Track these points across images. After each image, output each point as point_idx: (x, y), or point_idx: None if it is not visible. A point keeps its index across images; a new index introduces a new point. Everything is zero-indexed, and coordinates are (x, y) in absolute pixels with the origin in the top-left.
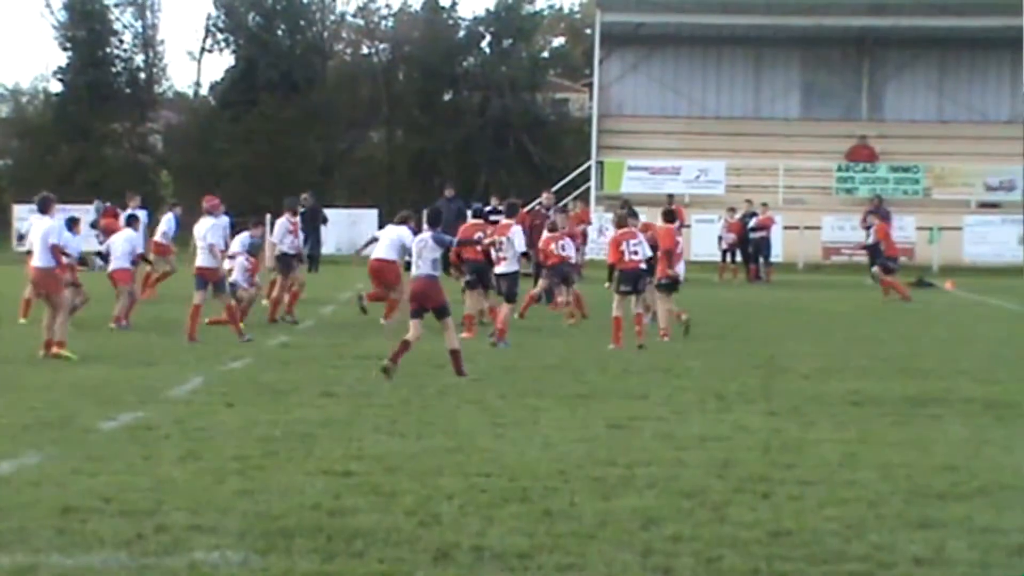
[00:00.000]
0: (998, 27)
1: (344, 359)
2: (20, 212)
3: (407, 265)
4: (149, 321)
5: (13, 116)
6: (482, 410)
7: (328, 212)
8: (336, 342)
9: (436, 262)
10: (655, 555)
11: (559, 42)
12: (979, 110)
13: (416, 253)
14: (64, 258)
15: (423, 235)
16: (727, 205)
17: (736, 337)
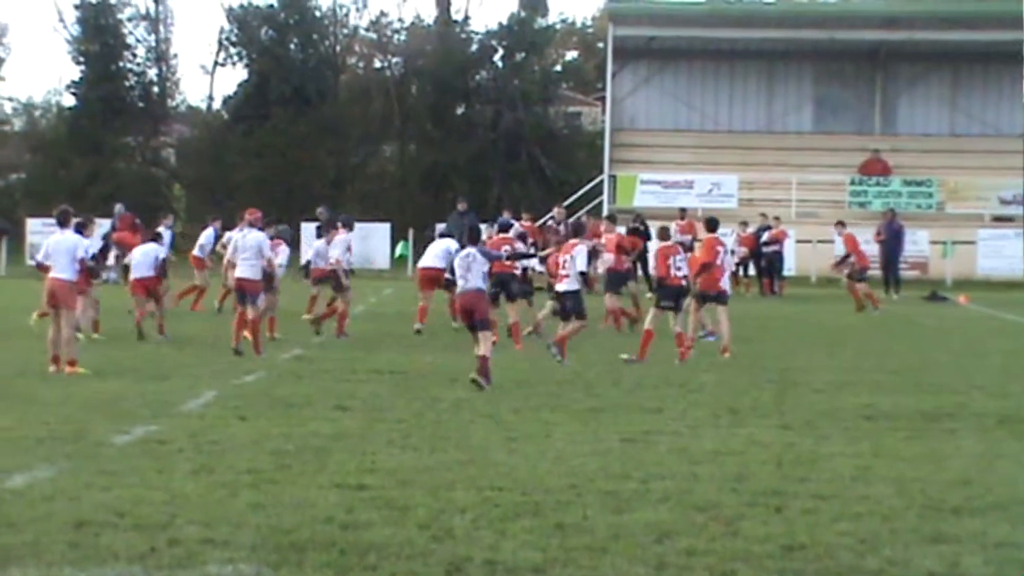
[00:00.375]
0: (1011, 41)
1: (357, 373)
2: (33, 226)
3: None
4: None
5: (27, 130)
6: (495, 424)
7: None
8: (349, 356)
9: (485, 276)
10: (668, 569)
11: (572, 56)
12: (992, 124)
13: (464, 267)
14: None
15: (469, 249)
16: (739, 219)
17: (749, 351)
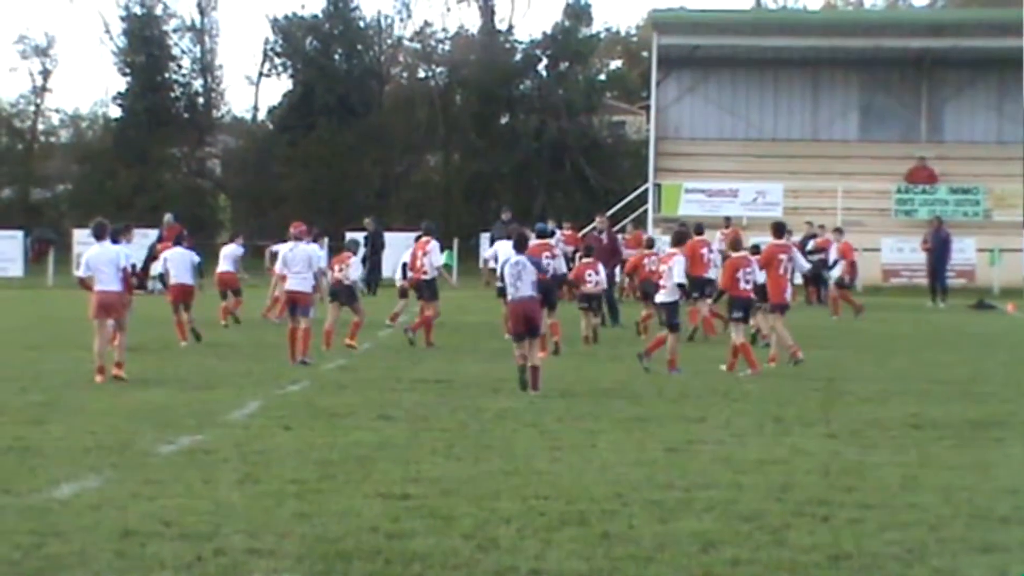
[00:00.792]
0: None
1: (401, 382)
2: (80, 236)
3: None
4: (207, 345)
5: (73, 141)
6: (539, 433)
7: (386, 235)
8: (393, 365)
9: (535, 284)
10: None
11: (616, 65)
12: None
13: (515, 275)
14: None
15: (518, 258)
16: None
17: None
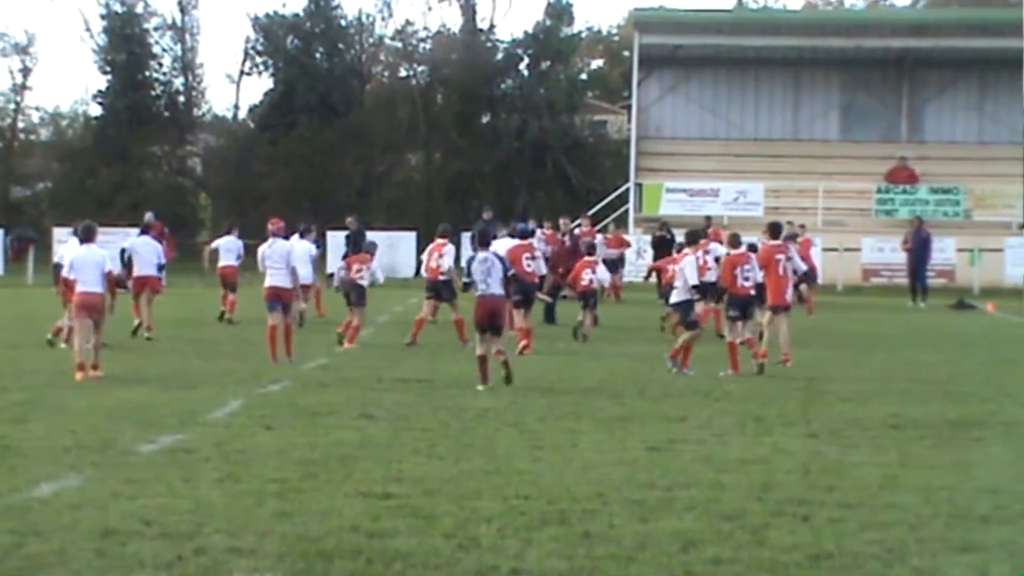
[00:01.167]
0: None
1: (383, 382)
2: (60, 235)
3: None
4: (189, 343)
5: (53, 139)
6: (521, 433)
7: (368, 235)
8: (375, 365)
9: (503, 281)
10: None
11: (597, 64)
12: (1020, 131)
13: (484, 272)
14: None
15: (485, 254)
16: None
17: (775, 360)
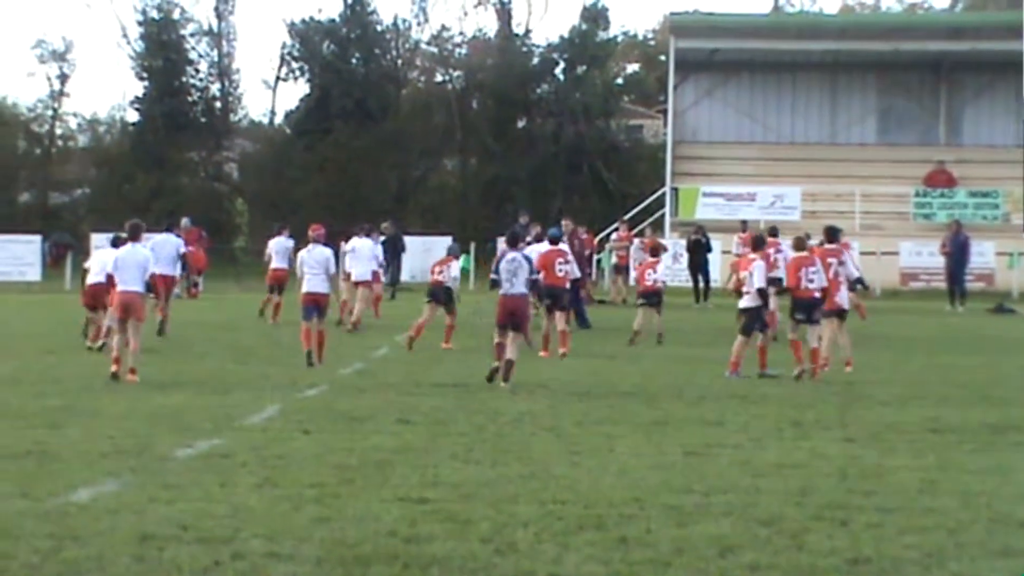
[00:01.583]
0: None
1: (420, 386)
2: (98, 241)
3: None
4: (224, 348)
5: (91, 146)
6: (557, 437)
7: (405, 239)
8: (411, 369)
9: (528, 282)
10: None
11: (633, 68)
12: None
13: (511, 272)
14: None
15: (514, 254)
16: (803, 231)
17: (811, 361)
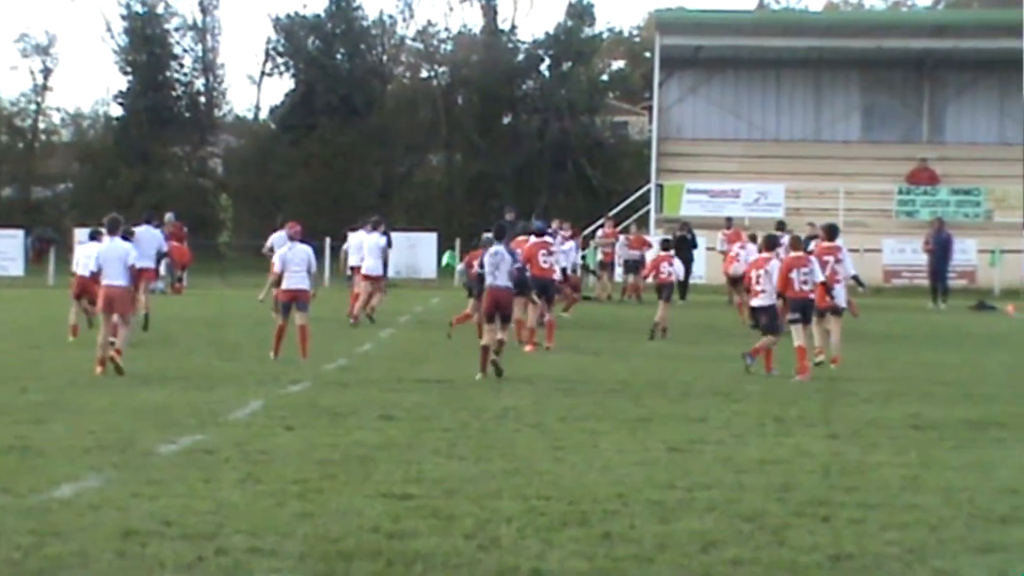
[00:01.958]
0: None
1: (403, 382)
2: (81, 236)
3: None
4: (208, 344)
5: (74, 140)
6: (541, 433)
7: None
8: (395, 365)
9: (511, 274)
10: None
11: (618, 65)
12: None
13: (494, 265)
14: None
15: (497, 248)
16: (787, 228)
17: (795, 360)
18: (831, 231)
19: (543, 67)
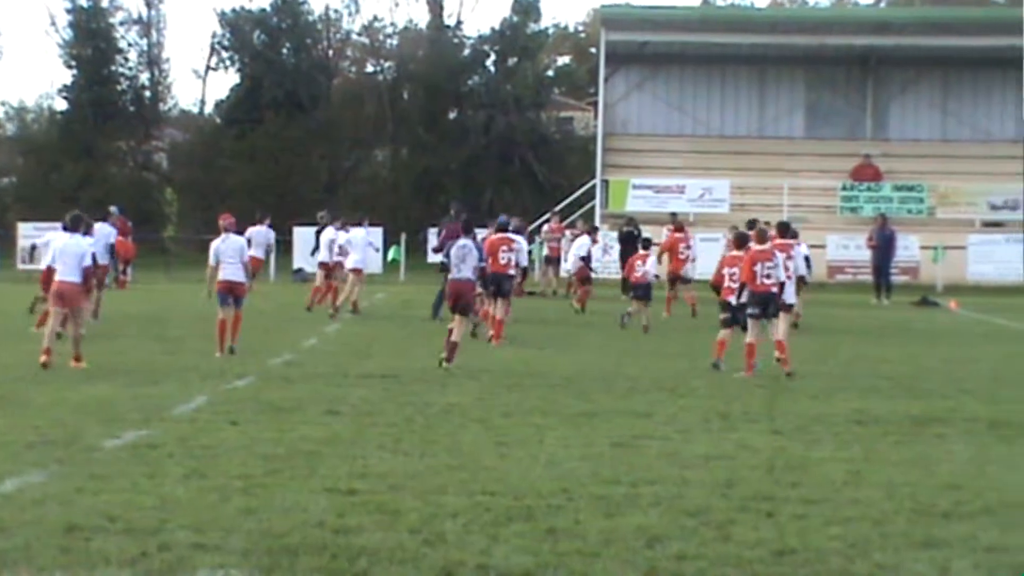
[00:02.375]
0: (1001, 47)
1: (348, 377)
2: (24, 230)
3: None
4: (153, 339)
5: (18, 134)
6: (486, 428)
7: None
8: (340, 360)
9: (476, 269)
10: (659, 574)
11: (564, 61)
12: (983, 129)
13: (460, 257)
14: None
15: (465, 241)
16: (731, 224)
17: (740, 356)
18: (783, 228)
19: (489, 62)
